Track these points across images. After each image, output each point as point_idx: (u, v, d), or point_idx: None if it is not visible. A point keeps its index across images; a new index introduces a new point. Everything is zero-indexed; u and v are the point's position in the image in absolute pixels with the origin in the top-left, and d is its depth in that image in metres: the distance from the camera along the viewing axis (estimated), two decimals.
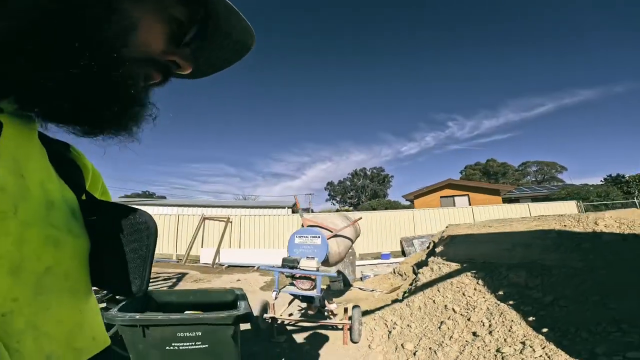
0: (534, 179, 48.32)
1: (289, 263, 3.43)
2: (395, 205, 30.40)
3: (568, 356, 2.37)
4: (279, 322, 4.03)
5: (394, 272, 6.94)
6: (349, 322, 3.47)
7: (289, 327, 4.02)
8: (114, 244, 0.43)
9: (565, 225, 4.03)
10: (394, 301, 4.74)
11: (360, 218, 4.43)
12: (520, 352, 2.57)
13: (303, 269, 3.42)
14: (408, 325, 3.64)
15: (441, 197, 23.67)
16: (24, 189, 0.37)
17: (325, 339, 3.70)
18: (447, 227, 7.61)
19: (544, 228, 4.14)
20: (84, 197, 0.47)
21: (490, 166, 48.59)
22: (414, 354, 3.09)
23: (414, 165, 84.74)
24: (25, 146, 0.40)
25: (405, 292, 4.84)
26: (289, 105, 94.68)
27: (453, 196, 23.28)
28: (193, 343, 1.94)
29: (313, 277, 3.43)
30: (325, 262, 3.97)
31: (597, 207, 16.69)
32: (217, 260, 10.71)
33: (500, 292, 3.35)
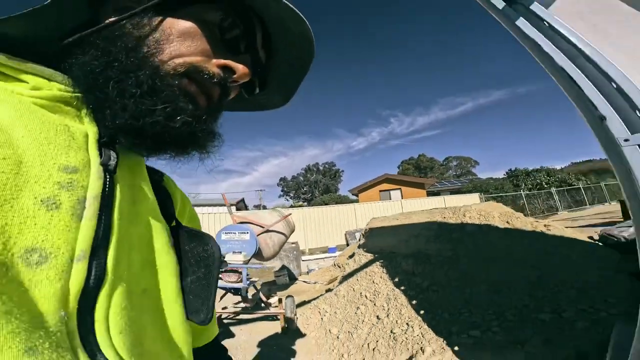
0: (454, 173, 54.62)
1: None
2: (344, 200, 32.33)
3: (434, 334, 3.25)
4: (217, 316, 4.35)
5: (334, 264, 7.47)
6: (283, 311, 3.87)
7: (225, 321, 4.42)
8: (187, 271, 0.45)
9: (444, 218, 5.13)
10: (327, 291, 5.36)
11: (290, 214, 4.89)
12: (405, 332, 3.42)
13: (229, 263, 3.77)
14: (335, 312, 4.32)
15: (380, 191, 25.89)
16: (135, 214, 0.40)
17: (264, 329, 4.14)
18: (370, 220, 8.63)
19: (430, 220, 5.22)
20: (173, 223, 0.50)
21: (421, 161, 53.60)
22: (338, 337, 3.76)
23: (363, 160, 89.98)
24: (136, 176, 0.44)
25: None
26: None
27: (389, 190, 25.64)
28: None
29: (239, 270, 3.83)
30: (260, 257, 4.42)
31: (495, 198, 19.81)
32: None
33: (396, 279, 4.27)
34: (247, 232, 4.10)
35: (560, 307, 3.12)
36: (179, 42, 0.41)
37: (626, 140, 1.07)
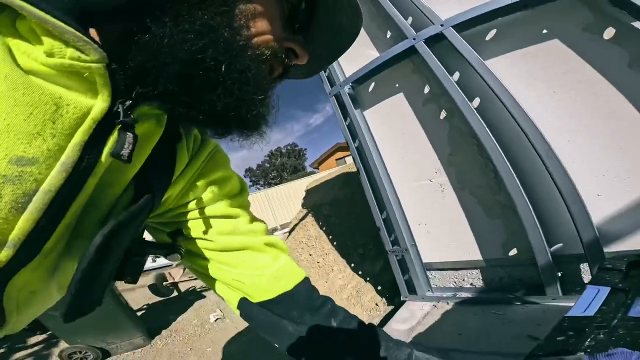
0: None
1: None
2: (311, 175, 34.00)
3: (340, 256, 4.86)
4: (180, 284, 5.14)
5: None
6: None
7: (197, 288, 5.56)
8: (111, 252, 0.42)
9: (350, 168, 6.73)
10: None
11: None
12: (324, 259, 5.03)
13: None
14: None
15: (336, 159, 27.93)
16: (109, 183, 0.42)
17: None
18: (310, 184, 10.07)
19: (340, 173, 6.87)
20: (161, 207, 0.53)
21: None
22: None
23: (322, 135, 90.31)
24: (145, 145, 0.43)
25: None
26: None
27: (344, 157, 27.59)
28: None
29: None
30: None
31: None
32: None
33: (320, 223, 5.85)
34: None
35: None
36: (261, 18, 0.41)
37: None
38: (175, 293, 5.06)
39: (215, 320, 3.74)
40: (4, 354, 3.65)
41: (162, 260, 10.19)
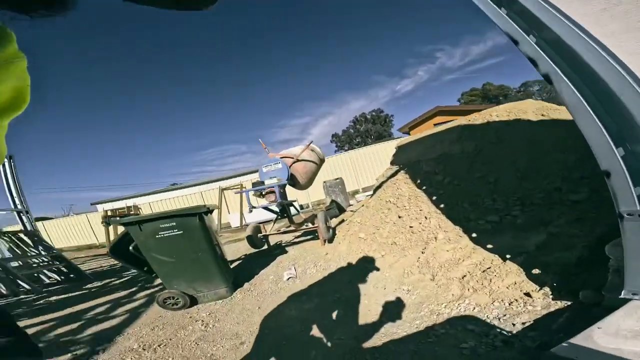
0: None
1: (257, 185, 4.38)
2: None
3: (451, 223, 3.22)
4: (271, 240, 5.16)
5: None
6: (317, 226, 4.34)
7: (283, 244, 5.10)
8: None
9: (469, 120, 4.68)
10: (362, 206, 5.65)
11: (312, 141, 5.14)
12: (421, 224, 3.45)
13: (267, 185, 4.33)
14: (365, 221, 4.53)
15: (434, 124, 24.16)
16: None
17: (308, 245, 4.60)
18: (400, 141, 8.27)
19: (454, 125, 4.84)
20: None
21: (488, 90, 47.35)
22: (364, 240, 4.01)
23: (413, 101, 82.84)
24: None
25: None
26: (279, 72, 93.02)
27: (446, 122, 23.76)
28: (172, 230, 2.87)
29: (274, 190, 4.32)
30: (297, 185, 4.85)
31: None
32: (243, 222, 11.92)
33: (418, 181, 4.20)
34: (279, 163, 4.55)
35: (604, 186, 2.76)
36: None
37: None
38: (266, 246, 5.26)
39: (288, 279, 3.43)
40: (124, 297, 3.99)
41: (260, 216, 10.88)
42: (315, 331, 2.10)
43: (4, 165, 6.41)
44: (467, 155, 3.96)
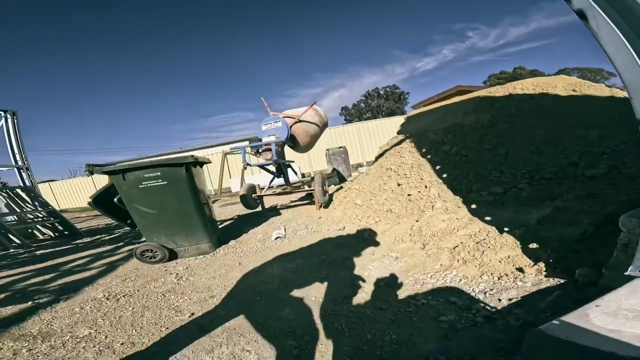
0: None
1: (254, 141, 4.21)
2: None
3: (451, 193, 3.03)
4: (266, 203, 5.02)
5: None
6: (313, 189, 4.22)
7: (277, 206, 5.01)
8: None
9: (490, 92, 4.31)
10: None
11: (315, 102, 4.88)
12: (420, 192, 3.27)
13: (264, 142, 4.16)
14: (362, 187, 4.40)
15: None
16: None
17: (303, 209, 4.50)
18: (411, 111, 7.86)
19: (469, 97, 4.48)
20: None
21: (519, 74, 44.40)
22: (360, 206, 3.90)
23: (434, 81, 77.86)
24: None
25: None
26: (291, 39, 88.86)
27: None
28: (156, 181, 2.78)
29: (270, 148, 4.14)
30: (297, 146, 4.67)
31: None
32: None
33: (423, 150, 3.96)
34: (279, 121, 4.34)
35: (625, 163, 2.50)
36: None
37: None
38: (260, 208, 5.08)
39: (276, 239, 3.35)
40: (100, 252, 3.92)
41: (259, 181, 10.79)
42: (294, 291, 2.02)
43: (6, 122, 6.36)
44: (480, 127, 3.67)
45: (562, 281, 1.48)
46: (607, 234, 1.57)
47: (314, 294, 1.93)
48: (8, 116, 6.36)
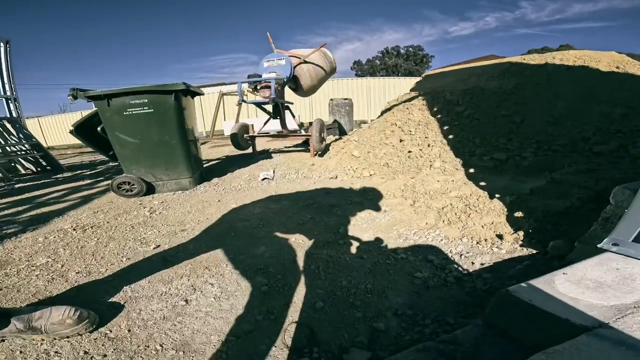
0: None
1: (252, 77, 3.95)
2: None
3: (452, 154, 2.93)
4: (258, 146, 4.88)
5: None
6: (310, 134, 4.06)
7: (270, 150, 4.90)
8: None
9: (523, 59, 3.97)
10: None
11: (325, 44, 4.53)
12: (421, 150, 3.17)
13: (263, 79, 3.87)
14: (362, 140, 4.30)
15: None
16: None
17: (297, 155, 4.40)
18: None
19: (498, 61, 4.15)
20: None
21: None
22: (357, 157, 3.82)
23: (464, 48, 70.93)
24: None
25: None
26: None
27: None
28: (142, 108, 2.67)
29: (269, 85, 3.85)
30: (299, 89, 4.42)
31: None
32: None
33: (435, 109, 3.78)
34: (283, 59, 4.06)
35: (635, 143, 2.38)
36: None
37: None
38: (251, 150, 4.91)
39: (263, 180, 3.29)
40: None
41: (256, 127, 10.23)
42: (274, 230, 2.04)
43: None
44: (502, 92, 3.43)
45: (535, 252, 1.48)
46: (591, 210, 1.54)
47: (294, 236, 1.95)
48: (1, 44, 5.96)
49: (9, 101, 6.10)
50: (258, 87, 4.06)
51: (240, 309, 1.28)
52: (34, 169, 5.70)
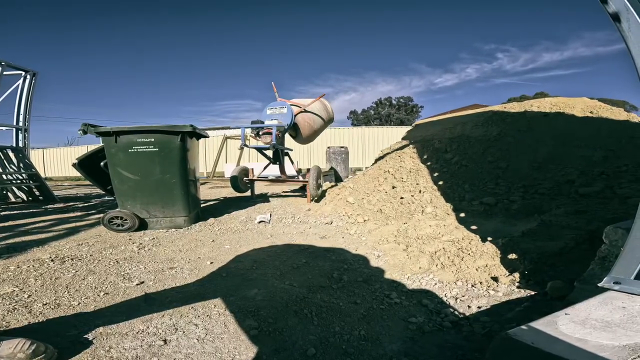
0: None
1: (255, 123, 4.13)
2: None
3: (443, 200, 3.00)
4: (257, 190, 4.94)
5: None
6: (307, 181, 4.12)
7: (268, 194, 4.94)
8: None
9: (505, 108, 4.29)
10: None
11: (324, 94, 4.82)
12: (413, 196, 3.24)
13: (265, 125, 4.05)
14: (356, 186, 4.38)
15: None
16: None
17: (293, 199, 4.45)
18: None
19: (482, 110, 4.47)
20: None
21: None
22: (351, 204, 3.87)
23: (450, 98, 76.78)
24: None
25: None
26: (309, 35, 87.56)
27: None
28: (147, 147, 2.74)
29: (271, 132, 4.07)
30: (299, 137, 4.61)
31: None
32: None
33: (425, 156, 3.93)
34: (285, 107, 4.28)
35: (620, 184, 2.47)
36: None
37: None
38: (249, 193, 4.96)
39: (259, 222, 3.28)
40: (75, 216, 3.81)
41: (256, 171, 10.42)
42: (267, 273, 1.99)
43: (24, 82, 6.21)
44: (487, 139, 3.64)
45: (533, 293, 1.46)
46: (586, 250, 1.55)
47: (288, 279, 1.90)
48: (28, 76, 6.19)
49: (19, 131, 6.17)
50: (260, 133, 4.22)
51: (226, 352, 1.20)
52: (24, 198, 5.63)
